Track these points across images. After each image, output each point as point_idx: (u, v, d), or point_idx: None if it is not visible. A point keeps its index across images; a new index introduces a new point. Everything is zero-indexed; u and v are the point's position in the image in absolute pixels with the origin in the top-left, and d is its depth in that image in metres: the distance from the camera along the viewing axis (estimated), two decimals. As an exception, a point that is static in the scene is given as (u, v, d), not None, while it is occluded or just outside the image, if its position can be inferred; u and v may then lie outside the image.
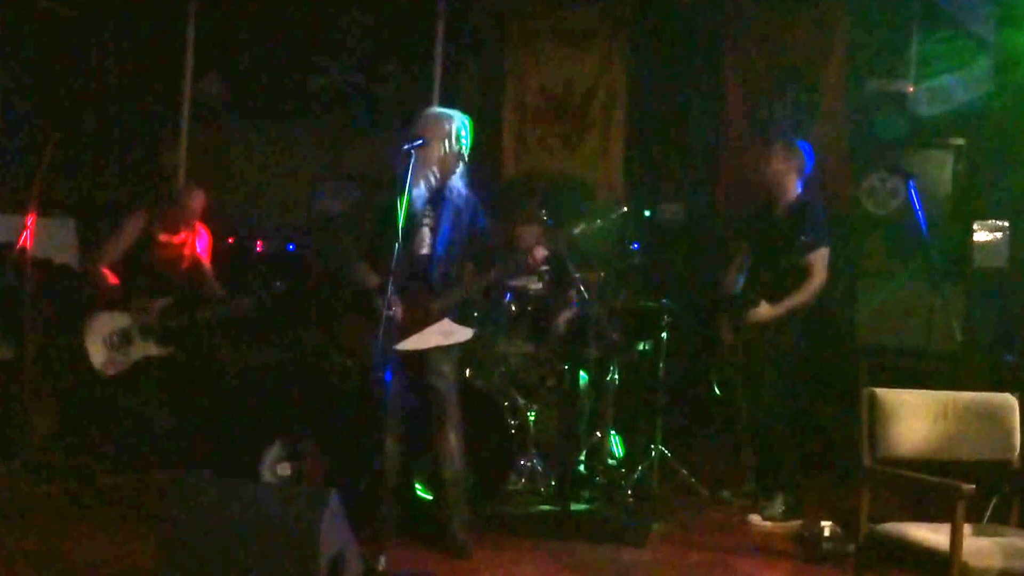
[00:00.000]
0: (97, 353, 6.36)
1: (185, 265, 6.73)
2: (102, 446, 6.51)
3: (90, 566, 4.90)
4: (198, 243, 6.82)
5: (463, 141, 5.29)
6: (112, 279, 6.50)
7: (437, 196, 5.33)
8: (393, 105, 8.76)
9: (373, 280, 5.23)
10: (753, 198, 8.37)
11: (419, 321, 5.22)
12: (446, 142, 5.23)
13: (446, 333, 5.32)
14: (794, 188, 6.30)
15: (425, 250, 5.30)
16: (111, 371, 6.35)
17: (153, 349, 6.43)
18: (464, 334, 5.38)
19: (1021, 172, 7.84)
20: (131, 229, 6.61)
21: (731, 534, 5.98)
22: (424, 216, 5.30)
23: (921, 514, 4.28)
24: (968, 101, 8.06)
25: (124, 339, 6.38)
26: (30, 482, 6.21)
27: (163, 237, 6.66)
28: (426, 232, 5.31)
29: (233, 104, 9.03)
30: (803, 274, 6.09)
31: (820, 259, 6.10)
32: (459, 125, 5.29)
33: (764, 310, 6.11)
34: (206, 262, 6.85)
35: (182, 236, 6.75)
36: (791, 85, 8.44)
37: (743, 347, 6.29)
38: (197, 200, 6.76)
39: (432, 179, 5.28)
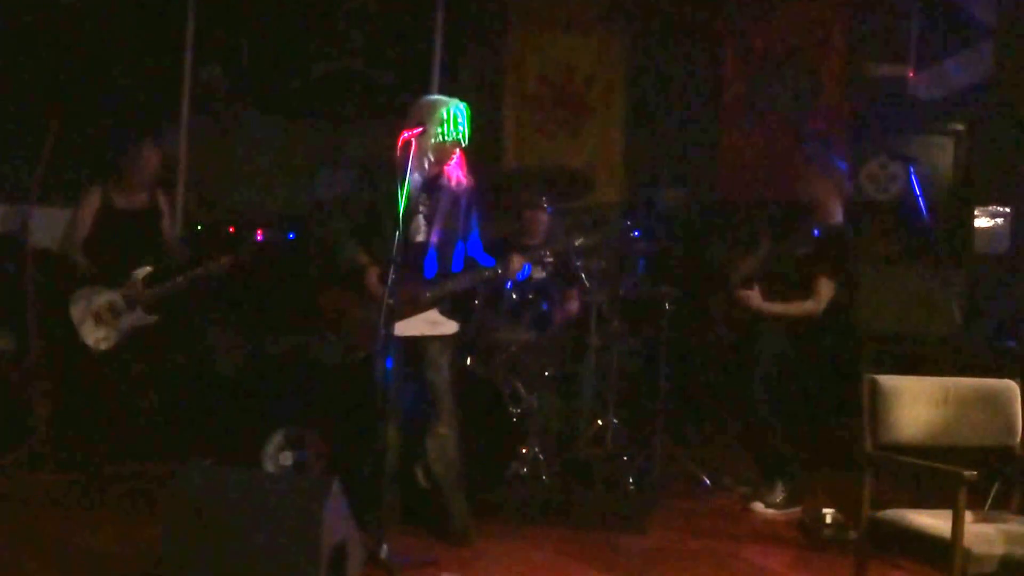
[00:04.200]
0: (87, 330, 6.34)
1: (153, 234, 6.65)
2: (104, 435, 6.50)
3: (93, 555, 4.91)
4: (165, 214, 6.74)
5: (459, 128, 5.27)
6: (87, 268, 6.47)
7: (433, 184, 5.33)
8: (393, 92, 8.73)
9: (363, 258, 5.29)
10: (754, 183, 8.42)
11: (407, 307, 5.21)
12: (442, 129, 5.22)
13: (432, 323, 5.34)
14: (837, 212, 6.18)
15: (420, 237, 5.30)
16: (104, 346, 6.34)
17: (142, 318, 6.40)
18: (450, 327, 5.39)
19: (1022, 157, 7.83)
20: (88, 205, 6.53)
21: (733, 521, 6.00)
22: (419, 203, 5.29)
23: (923, 500, 4.28)
24: (968, 86, 8.05)
25: (112, 312, 6.35)
26: (33, 471, 6.22)
27: (121, 204, 6.58)
28: (421, 220, 5.31)
29: (233, 92, 9.01)
30: (807, 288, 6.05)
31: (826, 288, 6.05)
32: (455, 112, 5.26)
33: (755, 296, 6.10)
34: (172, 231, 6.77)
35: (143, 202, 6.65)
36: (791, 69, 8.43)
37: (732, 327, 6.29)
38: (151, 158, 6.65)
39: (427, 166, 5.28)
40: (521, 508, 5.92)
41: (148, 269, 6.42)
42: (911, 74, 8.16)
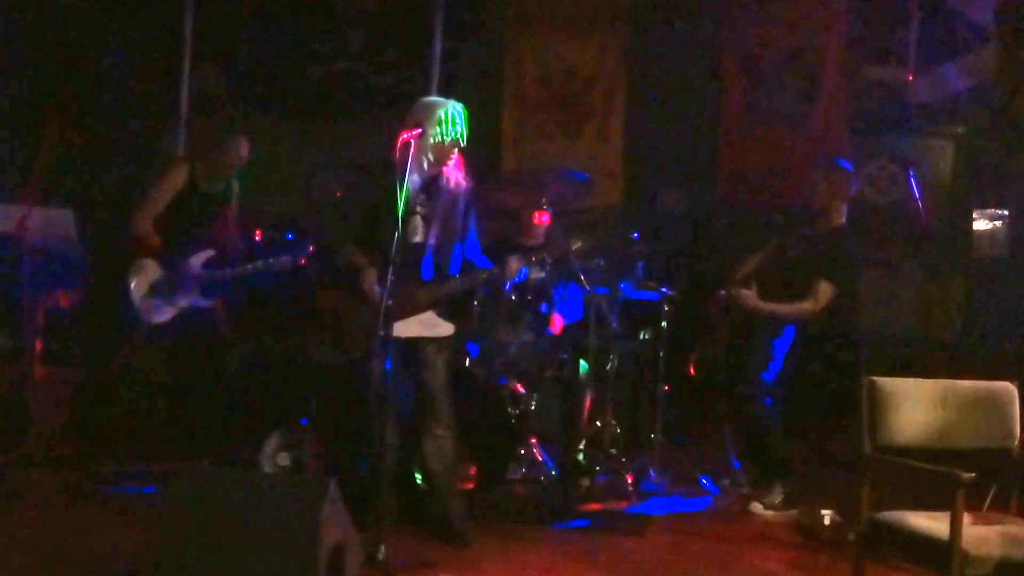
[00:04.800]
0: (142, 300, 6.30)
1: (225, 221, 6.63)
2: (103, 436, 6.49)
3: (92, 555, 4.90)
4: (233, 203, 6.71)
5: (458, 129, 5.27)
6: (156, 240, 6.41)
7: (432, 185, 5.32)
8: (392, 93, 8.73)
9: (361, 259, 5.28)
10: (753, 185, 8.42)
11: (403, 308, 5.20)
12: (441, 130, 5.21)
13: (429, 325, 5.34)
14: (840, 214, 6.19)
15: (418, 238, 5.29)
16: (156, 318, 6.31)
17: (197, 300, 6.37)
18: (446, 329, 5.40)
19: (1021, 160, 7.84)
20: (173, 180, 6.49)
21: (732, 523, 5.99)
22: (417, 204, 5.29)
23: (921, 502, 4.28)
24: (968, 89, 8.06)
25: (170, 287, 6.32)
26: (32, 471, 6.21)
27: (204, 187, 6.54)
28: (418, 221, 5.30)
29: (232, 94, 9.01)
30: (806, 290, 6.05)
31: (825, 290, 6.05)
32: (454, 113, 5.25)
33: (751, 296, 6.10)
34: (235, 221, 6.77)
35: (221, 189, 6.62)
36: (791, 72, 8.44)
37: (729, 330, 6.29)
38: (243, 148, 6.63)
39: (426, 167, 5.28)
40: (520, 509, 5.92)
41: (210, 253, 6.40)
42: (911, 78, 8.17)
